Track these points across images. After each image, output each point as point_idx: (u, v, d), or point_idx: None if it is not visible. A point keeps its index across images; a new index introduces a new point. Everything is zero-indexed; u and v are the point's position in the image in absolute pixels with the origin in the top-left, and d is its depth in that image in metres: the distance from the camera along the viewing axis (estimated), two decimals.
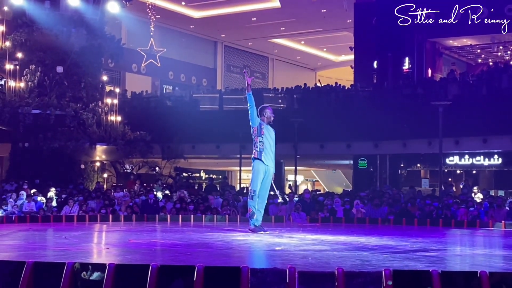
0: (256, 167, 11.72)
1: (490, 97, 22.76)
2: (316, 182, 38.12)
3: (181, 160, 25.57)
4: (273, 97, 28.82)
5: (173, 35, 36.79)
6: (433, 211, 17.38)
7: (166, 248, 9.20)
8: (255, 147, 11.68)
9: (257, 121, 11.70)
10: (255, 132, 11.68)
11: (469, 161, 24.86)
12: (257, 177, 11.68)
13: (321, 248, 9.26)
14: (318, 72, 46.85)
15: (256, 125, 11.67)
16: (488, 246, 10.82)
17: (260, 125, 11.73)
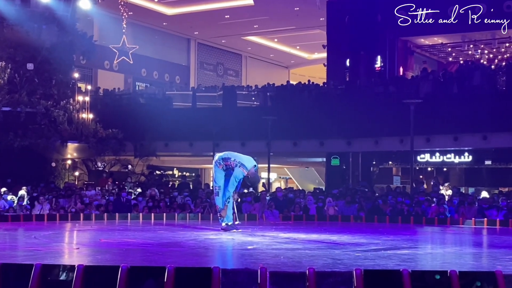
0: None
1: (461, 95, 22.99)
2: (289, 180, 38.19)
3: (154, 158, 25.43)
4: (246, 94, 28.82)
5: (145, 32, 36.53)
6: (405, 209, 17.53)
7: (138, 248, 9.14)
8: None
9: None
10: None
11: (440, 159, 25.09)
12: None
13: (293, 246, 9.28)
14: (291, 70, 46.91)
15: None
16: (459, 244, 10.93)
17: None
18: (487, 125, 21.38)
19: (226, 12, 34.95)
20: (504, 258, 7.72)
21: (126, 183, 22.09)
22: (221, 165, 12.53)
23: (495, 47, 30.98)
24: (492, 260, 7.74)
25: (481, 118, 21.40)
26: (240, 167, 12.26)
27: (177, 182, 27.91)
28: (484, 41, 30.49)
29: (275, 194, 19.87)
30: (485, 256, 8.73)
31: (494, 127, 21.49)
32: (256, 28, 37.94)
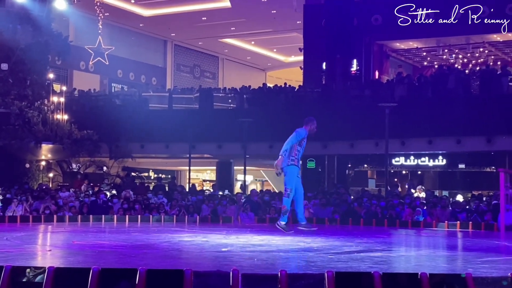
0: (292, 170, 11.54)
1: (436, 99, 23.20)
2: (265, 182, 38.22)
3: (129, 160, 25.31)
4: (223, 97, 28.79)
5: (122, 33, 36.36)
6: (379, 211, 17.64)
7: (111, 250, 9.09)
8: (291, 154, 11.42)
9: (304, 132, 11.48)
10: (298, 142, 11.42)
11: (414, 162, 25.28)
12: (294, 177, 11.57)
13: (267, 249, 9.30)
14: (267, 73, 47.00)
15: (304, 136, 11.46)
16: (432, 247, 11.02)
17: (305, 136, 11.48)
18: (461, 129, 21.61)
19: (203, 14, 34.92)
20: (476, 261, 7.81)
21: (102, 185, 21.95)
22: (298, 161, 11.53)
23: (469, 52, 31.31)
24: (464, 263, 7.82)
25: (455, 122, 21.62)
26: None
27: (152, 184, 27.79)
28: (459, 46, 30.80)
29: (251, 197, 19.88)
30: (457, 259, 8.82)
31: (468, 131, 21.72)
32: (233, 30, 37.97)
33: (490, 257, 8.44)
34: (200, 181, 36.15)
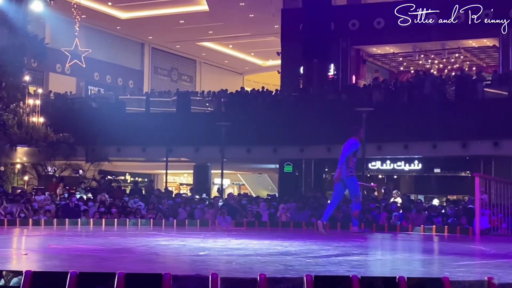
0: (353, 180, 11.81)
1: (412, 104, 23.42)
2: (242, 186, 38.22)
3: (106, 163, 25.14)
4: (201, 100, 28.76)
5: (99, 36, 36.14)
6: None
7: (88, 254, 9.03)
8: (349, 166, 11.74)
9: (357, 142, 11.92)
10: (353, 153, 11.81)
11: (390, 166, 25.45)
12: (357, 185, 11.93)
13: (245, 253, 9.30)
14: (245, 76, 47.02)
15: (358, 146, 11.90)
16: (408, 251, 11.10)
17: (359, 147, 11.97)
18: (437, 133, 21.82)
19: (181, 17, 34.86)
20: (451, 265, 7.88)
21: (78, 188, 21.78)
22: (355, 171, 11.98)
23: (445, 57, 31.64)
24: (440, 267, 7.89)
25: (430, 127, 21.82)
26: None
27: (129, 187, 27.64)
28: (435, 51, 31.12)
29: (228, 200, 19.87)
30: (434, 262, 8.89)
31: (443, 136, 21.94)
32: (211, 34, 37.95)
33: (466, 261, 8.53)
34: (177, 185, 36.05)
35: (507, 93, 22.63)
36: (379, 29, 28.12)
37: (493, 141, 21.46)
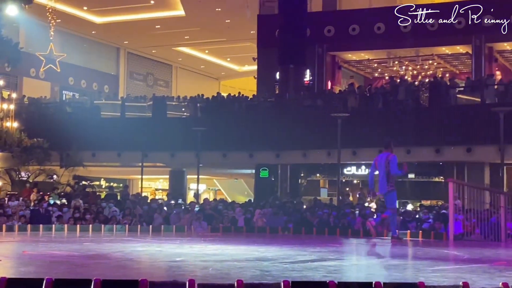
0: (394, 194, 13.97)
1: (386, 110, 23.62)
2: (218, 191, 38.18)
3: (80, 168, 24.96)
4: (176, 105, 28.73)
5: (74, 40, 35.93)
6: (331, 220, 17.81)
7: (63, 260, 8.96)
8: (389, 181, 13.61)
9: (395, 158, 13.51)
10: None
11: (365, 172, 25.61)
12: (396, 200, 14.09)
13: (222, 258, 9.30)
14: (221, 82, 47.06)
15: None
16: (383, 256, 11.18)
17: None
18: (411, 139, 22.02)
19: (157, 22, 34.80)
20: (426, 270, 7.96)
21: (52, 194, 21.59)
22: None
23: (419, 64, 31.98)
24: (415, 272, 7.96)
25: (405, 132, 22.02)
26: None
27: (104, 192, 27.47)
28: (409, 58, 31.43)
29: (204, 206, 19.84)
30: (409, 267, 8.97)
31: (417, 142, 22.15)
32: (187, 39, 37.93)
33: (441, 266, 8.61)
34: (152, 190, 35.90)
35: (479, 100, 22.93)
36: (354, 35, 28.35)
37: (466, 147, 21.73)
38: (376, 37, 28.06)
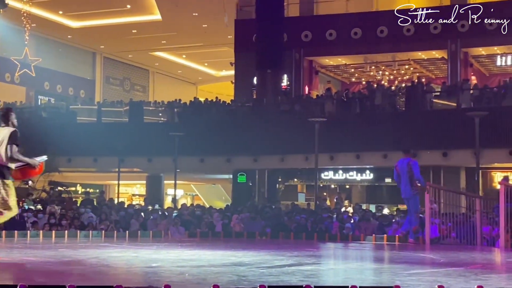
0: (418, 198, 14.04)
1: (363, 115, 23.74)
2: (196, 196, 38.09)
3: (56, 174, 24.72)
4: (153, 110, 28.62)
5: (49, 45, 35.65)
6: (308, 225, 17.83)
7: (38, 266, 8.85)
8: (413, 185, 13.74)
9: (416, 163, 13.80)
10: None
11: (343, 176, 25.73)
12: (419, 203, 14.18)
13: (198, 264, 9.25)
14: (199, 86, 46.98)
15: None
16: (360, 260, 11.21)
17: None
18: (388, 144, 22.14)
19: (134, 27, 34.67)
20: (403, 273, 7.99)
21: (27, 200, 21.34)
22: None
23: (396, 69, 32.20)
24: (392, 276, 7.99)
25: (382, 137, 22.14)
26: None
27: (80, 198, 27.26)
28: (385, 63, 31.64)
29: (182, 211, 19.76)
30: (385, 271, 9.00)
31: (394, 146, 22.24)
32: (164, 43, 37.83)
33: (417, 270, 8.65)
34: (129, 196, 35.70)
35: (455, 104, 23.14)
36: (331, 40, 28.49)
37: (442, 152, 21.93)
38: (353, 42, 28.22)
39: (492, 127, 20.54)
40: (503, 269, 9.48)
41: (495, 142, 21.10)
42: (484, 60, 30.34)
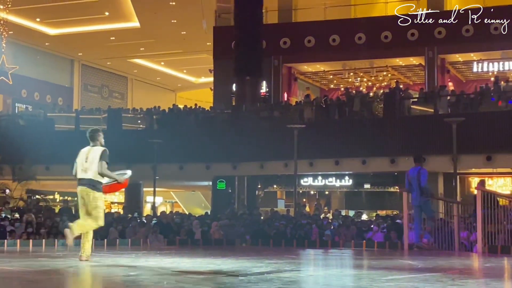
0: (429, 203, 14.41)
1: (342, 121, 23.86)
2: (175, 204, 37.95)
3: (34, 182, 24.52)
4: (132, 117, 28.50)
5: (27, 52, 35.40)
6: (288, 231, 17.85)
7: (14, 276, 8.76)
8: (425, 191, 14.11)
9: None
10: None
11: (322, 182, 25.81)
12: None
13: (177, 272, 9.21)
14: (178, 93, 46.89)
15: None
16: (340, 266, 11.24)
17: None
18: (366, 150, 22.28)
19: (112, 34, 34.54)
20: (381, 279, 8.02)
21: (4, 209, 21.14)
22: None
23: (374, 75, 32.41)
24: (370, 282, 8.02)
25: (360, 143, 22.27)
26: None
27: (58, 206, 27.04)
28: (364, 70, 31.83)
29: (161, 219, 19.68)
30: (364, 277, 9.03)
31: (372, 152, 22.42)
32: (142, 50, 37.73)
33: (395, 275, 8.69)
34: (108, 204, 35.46)
35: (432, 110, 23.33)
36: (309, 47, 28.62)
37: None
38: (331, 49, 28.38)
39: (469, 133, 20.75)
40: (480, 274, 9.56)
41: (473, 147, 21.31)
42: (460, 67, 30.64)
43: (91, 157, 9.64)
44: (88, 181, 9.51)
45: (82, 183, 9.52)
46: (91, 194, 9.45)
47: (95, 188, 9.47)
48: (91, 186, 9.48)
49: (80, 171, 9.60)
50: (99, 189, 9.50)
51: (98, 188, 9.50)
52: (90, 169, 9.54)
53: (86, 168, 9.57)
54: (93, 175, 9.48)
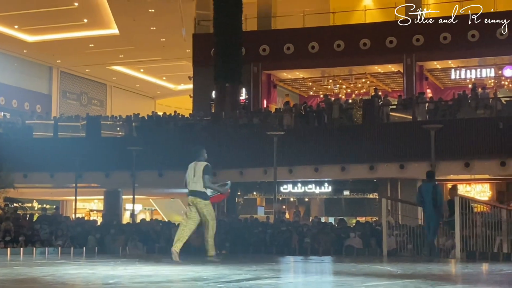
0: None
1: (321, 128, 23.93)
2: (154, 211, 37.78)
3: (12, 190, 24.26)
4: (111, 124, 28.36)
5: (4, 59, 35.13)
6: (267, 238, 17.86)
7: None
8: (440, 210, 14.29)
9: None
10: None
11: (301, 189, 25.85)
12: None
13: (156, 279, 9.17)
14: (157, 100, 46.77)
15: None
16: (319, 273, 11.26)
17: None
18: (345, 157, 22.36)
19: (91, 41, 34.39)
20: (360, 286, 8.05)
21: None
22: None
23: (352, 83, 32.57)
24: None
25: (339, 150, 22.35)
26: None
27: (36, 214, 26.78)
28: (342, 77, 32.00)
29: (140, 226, 19.59)
30: (343, 284, 9.05)
31: (352, 159, 22.50)
32: (121, 58, 37.61)
33: (374, 282, 8.72)
34: (87, 211, 35.23)
35: (411, 117, 23.49)
36: (289, 54, 28.73)
37: (399, 164, 22.20)
38: (310, 56, 28.51)
39: (447, 140, 20.91)
40: (458, 280, 9.63)
41: (451, 154, 21.47)
42: (439, 74, 30.92)
43: (197, 172, 11.54)
44: (197, 192, 11.40)
45: (193, 194, 11.40)
46: (201, 202, 11.31)
47: (202, 197, 11.34)
48: (200, 196, 11.37)
49: (191, 183, 11.48)
50: (206, 198, 11.35)
51: (205, 197, 11.36)
52: (198, 182, 11.41)
53: (195, 181, 11.46)
54: (200, 187, 11.33)
